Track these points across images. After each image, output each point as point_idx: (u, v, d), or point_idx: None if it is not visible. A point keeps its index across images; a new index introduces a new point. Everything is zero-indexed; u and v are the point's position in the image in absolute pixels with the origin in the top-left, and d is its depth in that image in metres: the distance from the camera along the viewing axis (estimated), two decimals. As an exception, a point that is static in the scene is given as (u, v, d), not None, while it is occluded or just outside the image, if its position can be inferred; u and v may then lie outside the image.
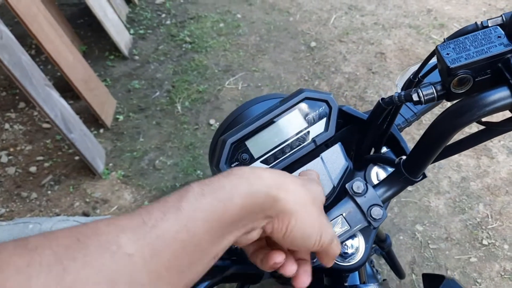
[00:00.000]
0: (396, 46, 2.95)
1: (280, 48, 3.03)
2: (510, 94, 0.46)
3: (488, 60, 0.48)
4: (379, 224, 0.60)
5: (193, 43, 3.09)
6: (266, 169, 0.47)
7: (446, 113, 0.51)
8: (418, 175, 0.60)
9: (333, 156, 0.66)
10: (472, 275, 1.87)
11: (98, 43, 3.12)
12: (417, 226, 2.03)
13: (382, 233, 1.16)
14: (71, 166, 2.36)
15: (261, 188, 0.43)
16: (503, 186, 2.13)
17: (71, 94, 2.60)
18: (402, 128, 0.78)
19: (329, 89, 2.69)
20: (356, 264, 0.67)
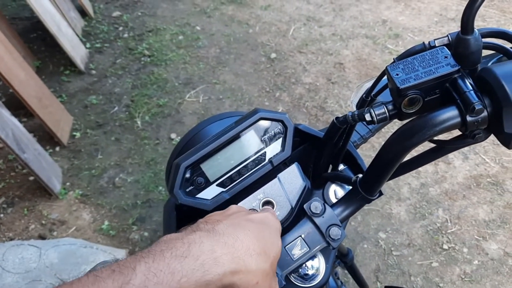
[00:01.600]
0: (354, 56, 3.01)
1: (240, 60, 3.03)
2: (458, 114, 0.47)
3: (436, 80, 0.48)
4: (338, 244, 0.60)
5: (152, 56, 3.05)
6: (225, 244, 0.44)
7: (398, 133, 0.51)
8: (374, 193, 0.60)
9: (290, 176, 0.65)
10: (435, 279, 1.90)
11: (53, 58, 3.03)
12: (380, 234, 2.06)
13: (343, 248, 1.16)
14: (25, 187, 2.26)
15: (215, 277, 0.41)
16: (460, 191, 2.20)
17: (24, 111, 2.50)
18: (358, 145, 0.78)
19: (290, 100, 2.71)
20: (317, 285, 0.66)
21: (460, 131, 0.50)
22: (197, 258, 0.40)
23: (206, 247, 0.42)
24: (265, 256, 0.47)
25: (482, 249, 1.97)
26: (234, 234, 0.45)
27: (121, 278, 0.36)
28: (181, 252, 0.40)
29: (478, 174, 2.25)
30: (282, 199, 0.64)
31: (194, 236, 0.43)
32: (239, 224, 0.48)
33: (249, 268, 0.44)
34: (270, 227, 0.52)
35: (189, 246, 0.41)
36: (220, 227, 0.46)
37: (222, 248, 0.43)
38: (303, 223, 0.61)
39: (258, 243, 0.47)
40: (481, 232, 2.03)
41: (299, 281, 0.65)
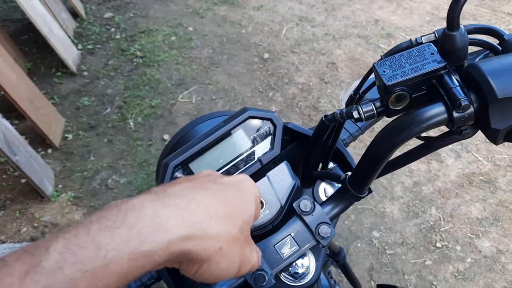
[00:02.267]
0: (347, 56, 3.01)
1: (233, 60, 3.03)
2: (445, 110, 0.47)
3: (423, 76, 0.48)
4: (327, 242, 0.60)
5: (144, 57, 3.04)
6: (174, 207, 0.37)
7: (385, 131, 0.51)
8: (363, 191, 0.60)
9: (280, 175, 0.65)
10: (428, 278, 1.91)
11: (44, 60, 3.01)
12: (374, 233, 2.06)
13: (335, 246, 1.16)
14: (17, 190, 2.24)
15: (158, 246, 0.34)
16: (453, 189, 2.20)
17: (15, 114, 2.48)
18: (347, 143, 0.78)
19: (283, 100, 2.71)
20: (308, 283, 0.66)
21: (447, 127, 0.50)
22: (133, 226, 0.34)
23: (147, 212, 0.35)
24: (231, 220, 0.41)
25: (475, 247, 1.98)
26: (189, 195, 0.39)
27: (29, 260, 0.30)
28: (113, 221, 0.33)
29: (471, 172, 2.26)
30: (272, 198, 0.64)
31: (135, 200, 0.36)
32: (202, 186, 0.42)
33: (209, 232, 0.38)
34: (241, 191, 0.45)
35: (126, 214, 0.34)
36: (174, 189, 0.40)
37: (169, 211, 0.36)
38: (292, 222, 0.61)
39: (221, 205, 0.41)
40: (474, 230, 2.04)
41: (289, 280, 0.65)
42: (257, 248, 0.50)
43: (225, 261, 0.41)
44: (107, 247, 0.32)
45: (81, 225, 0.33)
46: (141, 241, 0.33)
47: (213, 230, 0.39)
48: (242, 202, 0.45)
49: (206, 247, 0.38)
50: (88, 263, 0.31)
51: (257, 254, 0.48)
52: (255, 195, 0.48)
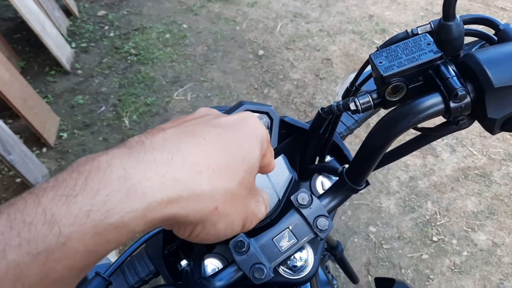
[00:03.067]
0: (341, 51, 3.01)
1: (228, 57, 3.02)
2: (441, 100, 0.47)
3: (419, 67, 0.48)
4: (325, 235, 0.60)
5: (138, 55, 3.03)
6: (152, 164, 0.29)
7: (382, 122, 0.51)
8: (361, 183, 0.60)
9: (277, 168, 0.65)
10: (425, 271, 1.92)
11: (38, 58, 2.99)
12: (371, 228, 2.07)
13: (333, 241, 1.17)
14: (11, 189, 2.23)
15: (129, 216, 0.27)
16: (448, 183, 2.21)
17: (9, 113, 2.47)
18: (344, 136, 0.78)
19: (278, 97, 2.71)
20: (306, 276, 0.66)
21: (444, 117, 0.50)
22: (95, 193, 0.26)
23: (114, 174, 0.27)
24: (229, 172, 0.33)
25: (471, 240, 1.99)
26: (173, 147, 0.31)
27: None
28: (70, 188, 0.26)
29: (466, 166, 2.27)
30: (269, 191, 0.64)
31: (101, 158, 0.28)
32: (192, 131, 0.34)
33: (198, 191, 0.31)
34: (243, 133, 0.36)
35: (88, 177, 0.27)
36: (154, 139, 0.31)
37: (144, 171, 0.28)
38: (290, 215, 0.61)
39: (216, 155, 0.33)
40: (470, 223, 2.05)
41: (288, 273, 0.65)
42: (264, 195, 0.42)
43: (223, 221, 0.34)
44: (62, 221, 0.25)
45: (31, 195, 0.26)
46: (107, 211, 0.26)
47: (204, 188, 0.31)
48: (244, 147, 0.36)
49: (196, 209, 0.31)
50: (39, 243, 0.24)
51: (265, 203, 0.41)
52: (261, 137, 0.38)
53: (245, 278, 0.58)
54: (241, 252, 0.58)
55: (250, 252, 0.58)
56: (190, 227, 0.33)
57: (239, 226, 0.37)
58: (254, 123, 0.38)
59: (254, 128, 0.38)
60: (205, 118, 0.37)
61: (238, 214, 0.36)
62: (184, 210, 0.30)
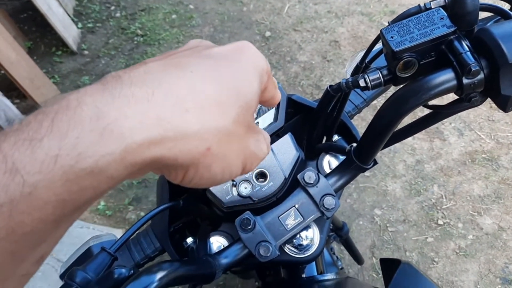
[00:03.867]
0: (350, 33, 2.97)
1: (234, 38, 2.99)
2: (454, 76, 0.46)
3: (431, 42, 0.47)
4: (332, 214, 0.59)
5: (145, 36, 3.00)
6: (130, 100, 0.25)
7: (392, 99, 0.50)
8: (368, 162, 0.59)
9: (284, 147, 0.64)
10: (429, 254, 1.92)
11: (44, 39, 2.98)
12: (376, 210, 2.07)
13: (338, 221, 1.16)
14: (19, 169, 2.24)
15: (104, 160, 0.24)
16: (455, 167, 2.20)
17: (16, 93, 2.47)
18: (352, 115, 0.77)
19: (285, 79, 2.69)
20: (312, 255, 0.66)
21: (456, 94, 0.49)
22: (64, 135, 0.23)
23: (85, 113, 0.24)
24: (221, 108, 0.29)
25: (477, 224, 1.99)
26: (155, 80, 0.27)
27: None
28: (34, 131, 0.23)
29: (473, 150, 2.25)
30: (275, 170, 0.63)
31: (70, 97, 0.25)
32: (178, 63, 0.29)
33: (186, 130, 0.27)
34: (239, 63, 0.32)
35: (54, 117, 0.24)
36: (134, 73, 0.27)
37: (121, 108, 0.25)
38: (296, 193, 0.60)
39: (206, 90, 0.28)
40: (476, 207, 2.05)
41: (293, 251, 0.65)
42: (265, 134, 0.38)
43: (219, 163, 0.30)
44: (25, 169, 0.22)
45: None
46: (78, 155, 0.23)
47: (193, 126, 0.27)
48: (239, 80, 0.31)
49: (185, 150, 0.27)
50: (0, 195, 0.22)
51: (266, 142, 0.37)
52: (261, 68, 0.34)
53: (250, 256, 0.58)
54: (246, 230, 0.58)
55: (256, 230, 0.58)
56: (181, 171, 0.30)
57: (238, 168, 0.33)
58: (252, 53, 0.33)
59: (252, 59, 0.33)
60: (195, 49, 0.33)
61: (236, 154, 0.32)
62: (171, 152, 0.27)
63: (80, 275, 0.49)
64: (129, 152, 0.25)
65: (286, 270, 0.77)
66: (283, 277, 0.76)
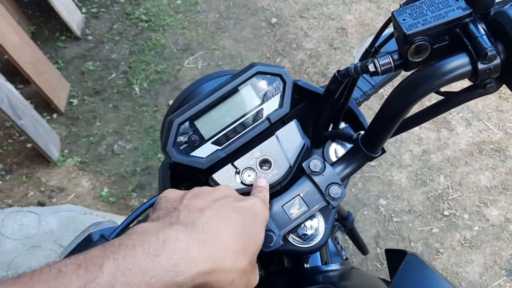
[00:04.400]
0: (357, 21, 2.93)
1: (240, 25, 2.96)
2: (469, 61, 0.44)
3: (446, 25, 0.45)
4: (338, 203, 0.58)
5: (149, 22, 2.97)
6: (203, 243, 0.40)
7: (403, 84, 0.48)
8: (377, 151, 0.57)
9: (289, 134, 0.62)
10: (434, 245, 1.91)
11: (48, 23, 2.95)
12: (381, 200, 2.05)
13: (343, 211, 1.15)
14: (23, 154, 2.24)
15: (188, 278, 0.38)
16: (462, 157, 2.17)
17: (20, 78, 2.46)
18: (360, 102, 0.75)
19: (291, 66, 2.66)
20: (316, 245, 0.64)
21: (470, 80, 0.46)
22: (170, 257, 0.37)
23: (181, 245, 0.38)
24: (244, 254, 0.44)
25: (483, 215, 1.97)
26: (215, 231, 0.42)
27: (86, 275, 0.33)
28: (154, 249, 0.37)
29: (481, 140, 2.22)
30: (280, 157, 0.61)
31: (171, 232, 0.40)
32: (224, 216, 0.45)
33: (225, 267, 0.42)
34: (255, 218, 0.49)
35: (164, 243, 0.38)
36: (201, 220, 0.43)
37: (199, 247, 0.40)
38: (301, 182, 0.59)
39: (239, 240, 0.44)
40: (483, 198, 2.02)
41: (298, 241, 0.64)
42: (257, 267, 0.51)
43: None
44: (150, 273, 0.35)
45: (126, 246, 0.36)
46: (176, 272, 0.37)
47: (229, 265, 0.42)
48: (255, 231, 0.48)
49: (220, 280, 0.41)
50: (135, 285, 0.34)
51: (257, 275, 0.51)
52: (266, 220, 0.51)
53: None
54: (250, 219, 0.56)
55: (260, 219, 0.56)
56: None
57: None
58: (261, 209, 0.51)
59: (261, 213, 0.50)
60: (228, 200, 0.48)
61: (244, 284, 0.45)
62: (214, 280, 0.41)
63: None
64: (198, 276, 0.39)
65: (289, 260, 0.75)
66: (287, 266, 0.75)
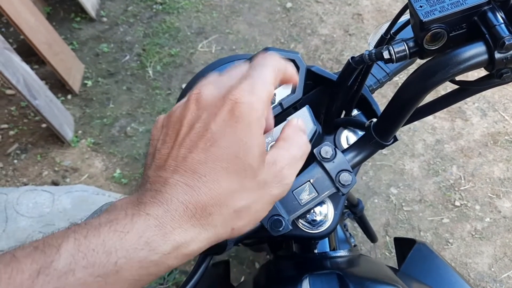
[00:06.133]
0: (374, 7, 2.88)
1: (255, 9, 2.93)
2: (486, 50, 0.43)
3: (463, 13, 0.44)
4: (348, 190, 0.58)
5: (164, 4, 2.96)
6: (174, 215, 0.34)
7: (418, 72, 0.47)
8: (389, 139, 0.57)
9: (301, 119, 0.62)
10: (444, 235, 1.90)
11: (63, 4, 2.96)
12: (392, 189, 2.05)
13: (354, 198, 1.15)
14: (38, 134, 2.27)
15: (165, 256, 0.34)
16: (476, 148, 2.15)
17: (35, 58, 2.48)
18: (373, 89, 0.74)
19: (305, 52, 2.63)
20: (325, 231, 0.64)
21: (486, 70, 0.46)
22: (141, 234, 0.32)
23: (151, 221, 0.33)
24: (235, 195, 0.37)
25: (495, 207, 1.95)
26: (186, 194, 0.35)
27: (41, 258, 0.30)
28: (122, 225, 0.32)
29: (496, 131, 2.19)
30: (291, 143, 0.61)
31: (140, 207, 0.35)
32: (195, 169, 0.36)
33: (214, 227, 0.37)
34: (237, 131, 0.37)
35: (132, 218, 0.33)
36: (168, 188, 0.36)
37: (172, 219, 0.34)
38: (312, 168, 0.59)
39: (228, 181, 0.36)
40: (495, 190, 2.00)
41: (307, 227, 0.64)
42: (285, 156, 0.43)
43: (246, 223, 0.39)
44: (117, 253, 0.31)
45: (90, 225, 0.32)
46: (149, 250, 0.33)
47: (218, 221, 0.36)
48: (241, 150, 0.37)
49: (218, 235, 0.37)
50: (99, 268, 0.30)
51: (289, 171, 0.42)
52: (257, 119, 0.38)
53: (262, 229, 0.57)
54: (259, 203, 0.57)
55: (269, 204, 0.56)
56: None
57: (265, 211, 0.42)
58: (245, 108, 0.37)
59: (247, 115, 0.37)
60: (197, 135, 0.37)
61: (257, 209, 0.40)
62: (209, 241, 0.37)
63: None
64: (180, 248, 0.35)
65: (298, 245, 0.76)
66: (295, 251, 0.76)
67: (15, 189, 1.95)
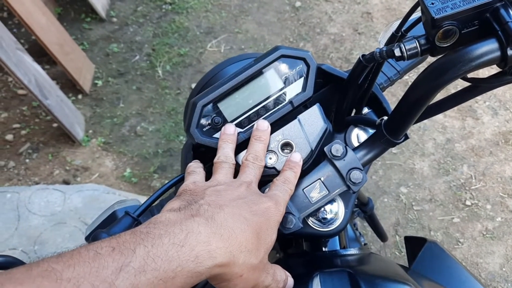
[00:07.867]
0: (383, 5, 2.87)
1: (264, 8, 2.93)
2: (498, 47, 0.43)
3: (476, 9, 0.44)
4: (358, 188, 0.58)
5: (173, 4, 2.97)
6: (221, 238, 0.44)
7: (429, 69, 0.47)
8: (400, 137, 0.57)
9: (311, 118, 0.62)
10: (455, 235, 1.89)
11: (74, 5, 2.99)
12: (402, 188, 2.04)
13: (364, 197, 1.14)
14: (49, 134, 2.29)
15: (206, 269, 0.41)
16: (487, 147, 2.13)
17: (46, 59, 2.50)
18: (384, 87, 0.74)
19: (314, 51, 2.63)
20: (335, 229, 0.64)
21: (498, 67, 0.46)
22: (192, 248, 0.41)
23: (202, 238, 0.42)
24: (256, 253, 0.47)
25: (506, 206, 1.93)
26: (231, 228, 0.46)
27: (121, 258, 0.36)
28: (178, 240, 0.40)
29: (508, 130, 2.17)
30: (302, 141, 0.61)
31: (193, 224, 0.43)
32: (240, 216, 0.48)
33: (237, 262, 0.45)
34: (269, 221, 0.51)
35: (187, 235, 0.41)
36: (220, 216, 0.46)
37: (217, 242, 0.43)
38: (322, 166, 0.59)
39: (252, 240, 0.47)
40: (507, 189, 1.99)
41: (317, 224, 0.64)
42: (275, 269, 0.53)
43: (242, 284, 0.47)
44: (175, 262, 0.39)
45: (154, 235, 0.40)
46: (197, 263, 0.40)
47: (240, 261, 0.45)
48: (268, 232, 0.50)
49: (231, 273, 0.45)
50: (162, 272, 0.38)
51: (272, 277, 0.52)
52: (278, 222, 0.52)
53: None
54: (270, 201, 0.57)
55: (280, 201, 0.57)
56: (221, 282, 0.46)
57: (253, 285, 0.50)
58: (276, 212, 0.52)
59: (275, 216, 0.52)
60: (246, 201, 0.51)
61: (252, 281, 0.48)
62: (225, 272, 0.44)
63: (104, 237, 0.49)
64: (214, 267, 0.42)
65: (308, 243, 0.76)
66: (305, 249, 0.76)
67: (27, 188, 1.98)
